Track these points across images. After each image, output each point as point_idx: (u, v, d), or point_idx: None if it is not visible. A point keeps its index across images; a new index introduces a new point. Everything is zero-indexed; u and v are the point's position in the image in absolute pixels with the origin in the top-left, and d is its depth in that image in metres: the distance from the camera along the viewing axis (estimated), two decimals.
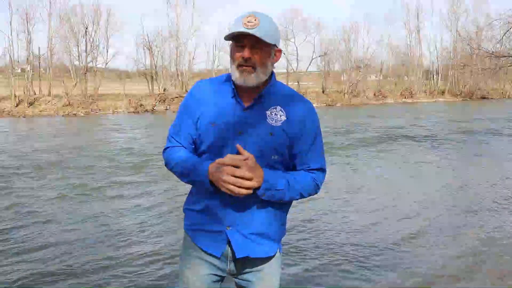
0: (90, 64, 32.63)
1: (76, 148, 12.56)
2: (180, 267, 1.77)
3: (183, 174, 1.63)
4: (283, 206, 1.69)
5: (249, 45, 1.54)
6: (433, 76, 46.10)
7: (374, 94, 39.98)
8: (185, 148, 1.67)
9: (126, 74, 38.32)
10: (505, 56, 12.80)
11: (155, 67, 35.05)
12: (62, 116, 26.09)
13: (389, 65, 45.69)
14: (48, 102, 28.39)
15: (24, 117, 25.33)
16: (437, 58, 47.21)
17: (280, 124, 1.60)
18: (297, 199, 1.66)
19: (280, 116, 1.61)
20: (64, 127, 20.36)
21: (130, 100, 29.95)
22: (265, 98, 1.62)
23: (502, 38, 12.66)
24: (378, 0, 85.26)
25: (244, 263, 1.66)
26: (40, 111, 26.96)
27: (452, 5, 45.49)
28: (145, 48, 35.44)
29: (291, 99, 1.66)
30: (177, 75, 34.53)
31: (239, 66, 1.56)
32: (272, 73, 1.66)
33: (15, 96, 27.55)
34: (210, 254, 1.66)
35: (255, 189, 1.53)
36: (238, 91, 1.62)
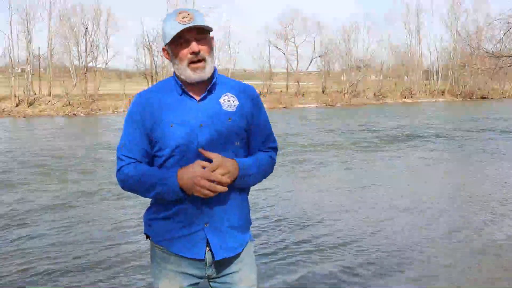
0: (90, 64, 32.63)
1: (76, 148, 12.56)
2: (155, 282, 1.70)
3: (148, 190, 1.56)
4: (246, 193, 1.72)
5: (193, 39, 1.55)
6: (433, 76, 46.11)
7: (374, 94, 39.99)
8: (141, 163, 1.60)
9: (126, 74, 38.32)
10: (505, 56, 12.79)
11: (155, 67, 35.06)
12: (62, 116, 26.08)
13: (389, 65, 45.70)
14: (48, 102, 28.38)
15: (24, 117, 25.33)
16: (437, 58, 47.29)
17: (235, 108, 1.63)
18: (261, 181, 1.71)
19: (233, 101, 1.64)
20: (64, 127, 20.35)
21: (130, 100, 29.89)
22: (215, 88, 1.64)
23: (503, 38, 12.66)
24: (378, 0, 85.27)
25: (222, 263, 1.65)
26: (40, 111, 26.94)
27: (452, 5, 45.55)
28: (145, 48, 35.47)
29: (236, 85, 1.71)
30: None
31: (190, 63, 1.56)
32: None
33: (15, 96, 27.54)
34: (192, 259, 1.61)
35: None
36: (185, 87, 1.62)
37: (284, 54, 40.46)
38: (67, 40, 31.94)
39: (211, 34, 1.63)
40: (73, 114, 26.83)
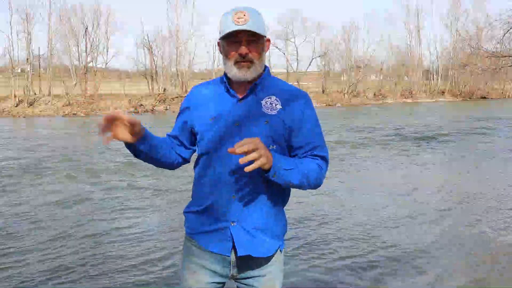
0: (90, 64, 32.64)
1: (76, 148, 12.56)
2: (182, 275, 1.75)
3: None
4: (283, 200, 1.69)
5: (244, 41, 1.56)
6: (433, 76, 46.11)
7: (374, 94, 40.00)
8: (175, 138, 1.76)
9: (126, 74, 38.34)
10: (505, 56, 12.79)
11: (155, 67, 35.05)
12: (62, 116, 26.08)
13: (389, 65, 45.71)
14: (48, 102, 28.38)
15: (24, 117, 25.32)
16: (437, 58, 47.28)
17: (276, 112, 1.60)
18: (304, 186, 1.57)
19: (276, 105, 1.61)
20: (63, 127, 20.35)
21: (130, 100, 29.94)
22: (259, 89, 1.63)
23: (503, 38, 12.66)
24: (378, 0, 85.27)
25: (247, 264, 1.64)
26: (40, 111, 26.94)
27: (452, 5, 45.55)
28: (145, 48, 35.47)
29: (286, 89, 1.67)
30: (177, 75, 34.51)
31: (236, 62, 1.57)
32: (266, 65, 1.68)
33: (15, 96, 27.55)
34: (218, 254, 1.63)
35: (264, 172, 1.49)
36: (231, 85, 1.64)
37: (284, 54, 40.56)
38: (67, 40, 31.97)
39: (268, 36, 1.64)
40: (73, 114, 26.83)
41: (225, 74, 1.66)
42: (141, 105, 29.47)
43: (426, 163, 9.74)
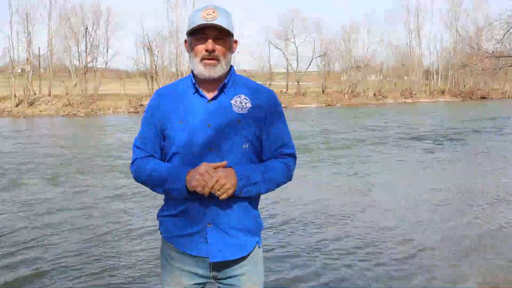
0: (90, 64, 32.67)
1: (76, 148, 12.56)
2: (163, 279, 1.74)
3: (158, 185, 1.61)
4: (256, 197, 1.69)
5: (211, 37, 1.56)
6: (433, 76, 46.12)
7: (374, 94, 40.02)
8: (154, 157, 1.65)
9: (126, 74, 38.35)
10: (505, 56, 12.80)
11: (155, 67, 35.06)
12: (62, 116, 26.10)
13: (389, 65, 45.73)
14: (48, 102, 28.41)
15: (24, 117, 25.33)
16: (437, 58, 47.28)
17: (247, 111, 1.61)
18: (273, 189, 1.65)
19: (245, 103, 1.62)
20: (63, 127, 20.35)
21: (130, 100, 29.96)
22: (228, 88, 1.63)
23: (503, 38, 12.66)
24: (378, 0, 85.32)
25: (227, 264, 1.64)
26: (40, 111, 26.97)
27: (452, 5, 45.56)
28: (145, 48, 35.49)
29: (253, 87, 1.68)
30: (177, 75, 34.53)
31: (202, 59, 1.57)
32: (231, 65, 1.68)
33: (15, 96, 27.57)
34: (196, 258, 1.62)
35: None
36: (199, 85, 1.63)
37: (284, 54, 40.55)
38: (67, 40, 32.00)
39: (235, 37, 1.64)
40: (73, 114, 26.84)
41: (192, 73, 1.65)
42: (141, 105, 29.48)
43: (425, 163, 9.74)
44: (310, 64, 41.19)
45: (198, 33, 1.57)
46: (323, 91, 38.99)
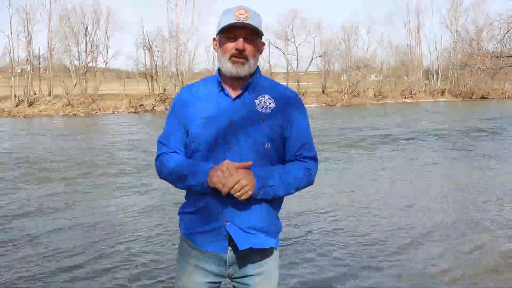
0: (90, 64, 32.68)
1: (76, 148, 12.56)
2: (177, 275, 1.75)
3: (180, 180, 1.61)
4: (278, 199, 1.69)
5: (242, 37, 1.58)
6: (433, 76, 46.14)
7: (374, 94, 40.04)
8: (177, 153, 1.66)
9: (126, 74, 38.34)
10: (505, 56, 12.78)
11: (155, 67, 35.08)
12: (62, 116, 26.10)
13: (389, 65, 45.74)
14: (48, 102, 28.42)
15: (24, 117, 25.33)
16: (437, 58, 47.30)
17: (270, 111, 1.62)
18: (292, 193, 1.64)
19: (269, 103, 1.63)
20: (63, 127, 20.35)
21: (130, 100, 29.97)
22: (252, 88, 1.65)
23: (503, 38, 12.64)
24: (378, 0, 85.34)
25: (243, 263, 1.65)
26: (40, 111, 26.97)
27: (452, 5, 45.57)
28: (145, 48, 35.51)
29: (277, 88, 1.70)
30: (177, 75, 34.53)
31: (231, 57, 1.59)
32: (257, 66, 1.70)
33: (15, 96, 27.57)
34: (213, 253, 1.63)
35: None
36: (224, 84, 1.65)
37: (284, 54, 40.55)
38: (67, 40, 32.01)
39: (263, 39, 1.67)
40: (73, 114, 26.85)
41: (218, 72, 1.67)
42: (141, 105, 29.50)
43: (426, 163, 9.74)
44: (310, 64, 41.27)
45: (228, 32, 1.59)
46: (323, 91, 39.00)
